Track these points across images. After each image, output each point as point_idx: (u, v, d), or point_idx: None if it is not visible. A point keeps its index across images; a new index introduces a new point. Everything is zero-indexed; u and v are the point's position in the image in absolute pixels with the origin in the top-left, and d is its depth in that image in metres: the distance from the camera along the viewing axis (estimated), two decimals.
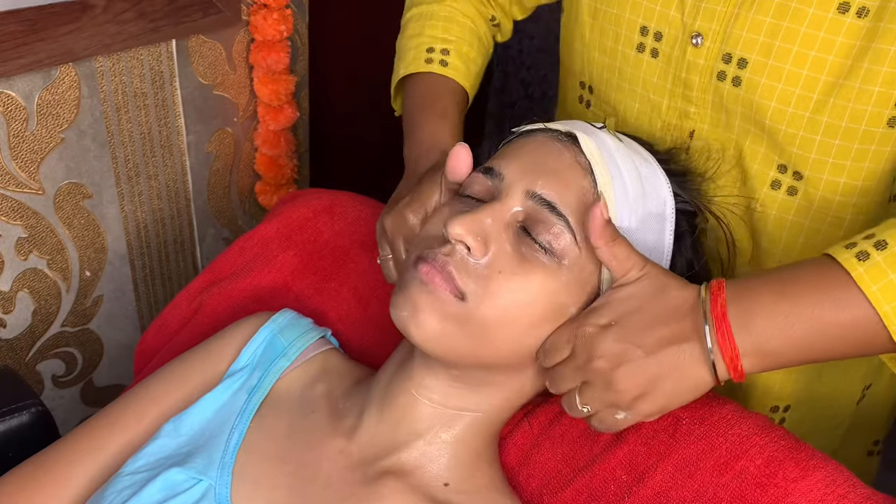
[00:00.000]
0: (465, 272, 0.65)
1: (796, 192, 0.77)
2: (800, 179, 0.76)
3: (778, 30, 0.71)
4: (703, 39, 0.76)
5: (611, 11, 0.82)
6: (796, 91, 0.71)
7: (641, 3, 0.79)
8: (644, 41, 0.80)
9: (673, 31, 0.78)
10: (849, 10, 0.68)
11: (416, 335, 0.65)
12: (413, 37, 0.93)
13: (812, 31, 0.70)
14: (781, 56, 0.71)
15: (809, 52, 0.70)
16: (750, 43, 0.73)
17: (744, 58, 0.73)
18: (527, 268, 0.65)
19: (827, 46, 0.69)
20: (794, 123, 0.73)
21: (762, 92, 0.73)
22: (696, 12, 0.76)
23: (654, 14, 0.79)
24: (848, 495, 0.64)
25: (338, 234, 0.94)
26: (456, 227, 0.64)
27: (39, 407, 0.89)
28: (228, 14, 1.25)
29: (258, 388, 0.76)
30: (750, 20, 0.72)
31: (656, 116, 0.82)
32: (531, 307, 0.65)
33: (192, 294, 0.95)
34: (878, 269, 0.58)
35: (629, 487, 0.70)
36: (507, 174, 0.68)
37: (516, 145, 0.72)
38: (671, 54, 0.79)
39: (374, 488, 0.68)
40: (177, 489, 0.68)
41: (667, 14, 0.78)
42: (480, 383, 0.70)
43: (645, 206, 0.69)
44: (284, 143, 1.40)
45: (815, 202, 0.77)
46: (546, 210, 0.66)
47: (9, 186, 1.10)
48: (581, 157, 0.69)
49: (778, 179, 0.77)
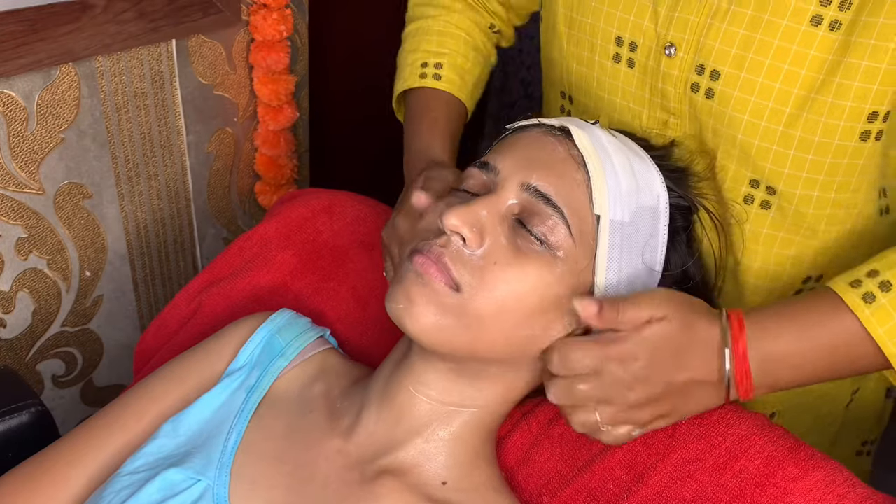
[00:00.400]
0: (461, 263, 0.65)
1: (770, 205, 0.77)
2: (773, 194, 0.76)
3: (751, 42, 0.71)
4: (677, 50, 0.75)
5: (586, 21, 0.82)
6: (769, 104, 0.71)
7: (615, 14, 0.79)
8: (620, 51, 0.80)
9: (647, 42, 0.77)
10: (821, 23, 0.67)
11: (411, 327, 0.65)
12: (410, 52, 0.96)
13: (785, 43, 0.69)
14: (754, 69, 0.71)
15: (782, 65, 0.70)
16: (723, 55, 0.72)
17: (716, 70, 0.73)
18: (522, 259, 0.65)
19: (800, 60, 0.69)
20: (767, 137, 0.73)
21: (735, 105, 0.73)
22: (670, 23, 0.75)
23: (628, 24, 0.78)
24: (847, 495, 0.64)
25: (337, 234, 0.94)
26: (451, 217, 0.65)
27: (39, 407, 0.89)
28: (228, 14, 1.25)
29: (256, 388, 0.76)
30: (723, 31, 0.72)
31: (637, 125, 0.82)
32: (526, 298, 0.65)
33: (191, 294, 0.95)
34: (884, 311, 0.61)
35: (628, 487, 0.70)
36: (503, 168, 0.69)
37: (511, 140, 0.72)
38: (646, 64, 0.78)
39: (372, 488, 0.68)
40: (175, 489, 0.68)
41: (640, 24, 0.77)
42: (477, 377, 0.70)
43: (638, 200, 0.69)
44: (284, 143, 1.40)
45: (788, 216, 0.77)
46: (541, 202, 0.66)
47: (9, 186, 1.10)
48: (574, 151, 0.69)
49: (751, 194, 0.77)
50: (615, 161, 0.69)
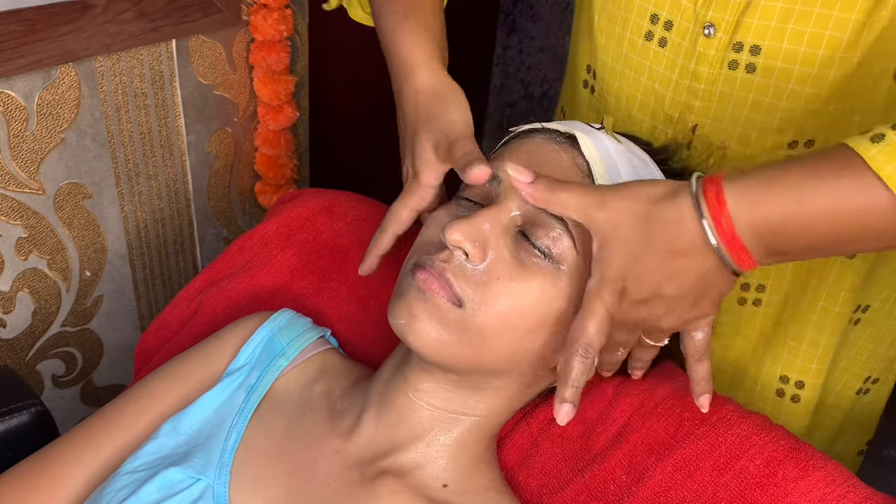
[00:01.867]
0: (463, 278, 0.64)
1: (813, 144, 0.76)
2: (812, 145, 0.76)
3: (790, 14, 0.71)
4: (716, 30, 0.75)
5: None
6: (813, 70, 0.71)
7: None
8: (653, 29, 0.79)
9: (684, 22, 0.77)
10: None
11: (414, 343, 0.65)
12: None
13: (825, 10, 0.70)
14: (795, 39, 0.71)
15: (824, 31, 0.70)
16: (762, 29, 0.73)
17: (756, 45, 0.73)
18: (525, 273, 0.65)
19: (841, 25, 0.69)
20: (812, 101, 0.73)
21: (779, 75, 0.73)
22: (710, 2, 0.75)
23: (667, 2, 0.78)
24: (848, 495, 0.64)
25: (337, 234, 0.94)
26: (454, 232, 0.64)
27: (39, 407, 0.89)
28: (228, 14, 1.25)
29: (257, 388, 0.76)
30: (761, 7, 0.72)
31: (659, 108, 0.81)
32: (529, 313, 0.65)
33: (191, 294, 0.95)
34: (894, 149, 0.52)
35: (629, 487, 0.70)
36: (505, 177, 0.68)
37: (514, 147, 0.72)
38: (681, 45, 0.78)
39: (372, 488, 0.68)
40: (175, 488, 0.67)
41: (679, 3, 0.77)
42: (478, 388, 0.70)
43: None
44: (284, 143, 1.40)
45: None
46: (545, 214, 0.66)
47: (9, 186, 1.10)
48: (580, 160, 0.68)
49: (789, 155, 0.77)
50: (621, 169, 0.68)
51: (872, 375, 0.90)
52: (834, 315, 0.84)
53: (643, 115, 0.83)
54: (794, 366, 0.87)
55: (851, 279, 0.82)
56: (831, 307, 0.83)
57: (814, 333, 0.85)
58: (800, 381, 0.87)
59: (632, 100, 0.83)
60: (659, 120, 0.81)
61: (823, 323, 0.84)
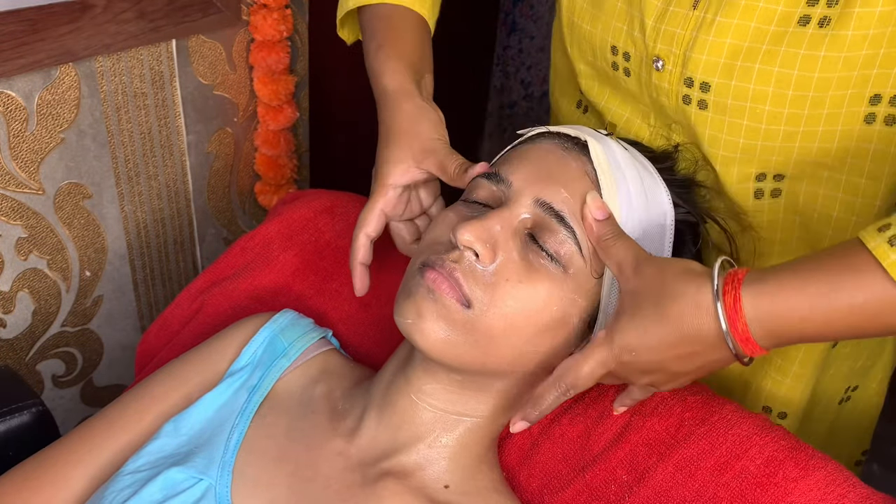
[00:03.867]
0: (473, 279, 0.64)
1: (780, 192, 0.76)
2: (782, 180, 0.75)
3: (739, 50, 0.69)
4: (665, 64, 0.74)
5: (584, 28, 0.81)
6: (766, 108, 0.69)
7: (610, 22, 0.78)
8: (616, 61, 0.79)
9: (638, 53, 0.76)
10: (810, 22, 0.66)
11: (421, 343, 0.65)
12: None
13: (774, 47, 0.68)
14: (744, 76, 0.69)
15: (772, 68, 0.68)
16: (711, 66, 0.71)
17: (706, 82, 0.71)
18: (533, 276, 0.65)
19: (790, 61, 0.67)
20: (769, 137, 0.71)
21: (731, 112, 0.71)
22: (657, 35, 0.73)
23: (622, 34, 0.77)
24: (847, 495, 0.65)
25: (339, 235, 0.94)
26: (465, 233, 0.64)
27: (39, 407, 0.89)
28: (228, 14, 1.25)
29: (258, 388, 0.76)
30: (710, 43, 0.70)
31: (644, 126, 0.82)
32: (536, 316, 0.65)
33: (193, 294, 0.95)
34: None
35: (630, 487, 0.70)
36: (515, 181, 0.68)
37: (522, 151, 0.72)
38: (640, 75, 0.77)
39: (374, 489, 0.68)
40: (177, 488, 0.68)
41: (632, 35, 0.76)
42: (481, 390, 0.70)
43: (648, 217, 0.69)
44: (284, 143, 1.39)
45: (800, 196, 0.75)
46: (554, 220, 0.66)
47: (9, 186, 1.10)
48: (588, 167, 0.68)
49: (760, 189, 0.76)
50: (628, 177, 0.69)
51: (851, 385, 0.91)
52: (820, 348, 0.84)
53: (628, 131, 0.83)
54: (776, 398, 0.87)
55: None
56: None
57: (798, 368, 0.85)
58: (783, 412, 0.88)
59: (618, 117, 0.84)
60: (644, 138, 0.82)
61: (807, 358, 0.84)
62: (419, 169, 0.75)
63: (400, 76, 0.79)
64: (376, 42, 0.82)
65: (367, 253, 0.77)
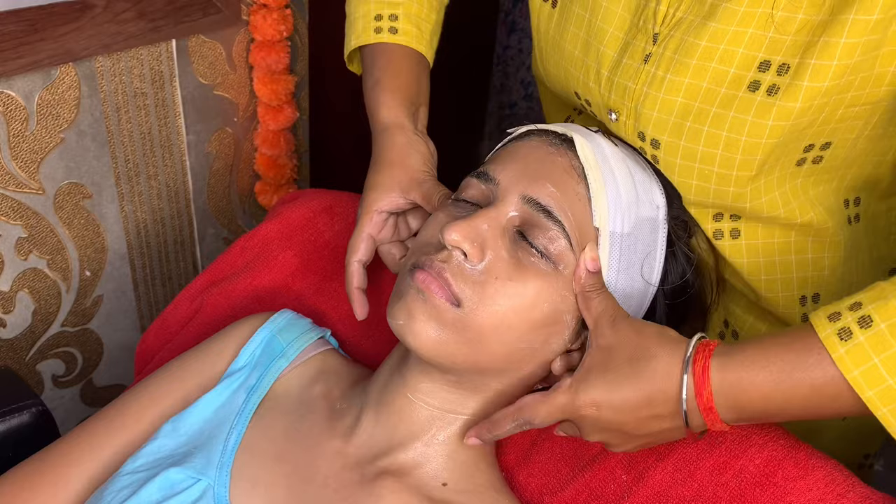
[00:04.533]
0: (462, 278, 0.65)
1: (739, 233, 0.76)
2: (738, 219, 0.75)
3: (689, 110, 0.68)
4: (618, 115, 0.73)
5: (551, 71, 0.82)
6: (714, 169, 0.69)
7: (570, 70, 0.78)
8: (580, 105, 0.80)
9: (595, 102, 0.76)
10: (759, 89, 0.65)
11: (412, 343, 0.65)
12: (361, 2, 0.89)
13: (723, 111, 0.67)
14: (693, 137, 0.69)
15: (721, 132, 0.67)
16: (661, 123, 0.70)
17: (656, 139, 0.71)
18: (523, 273, 0.65)
19: (739, 126, 0.67)
20: (719, 196, 0.71)
21: (680, 172, 0.71)
22: (610, 87, 0.73)
23: (580, 82, 0.77)
24: (847, 494, 0.64)
25: (338, 235, 0.94)
26: (452, 233, 0.64)
27: (39, 407, 0.89)
28: (228, 14, 1.25)
29: (257, 388, 0.76)
30: (660, 100, 0.69)
31: None
32: (526, 313, 0.65)
33: (192, 294, 0.95)
34: (861, 351, 0.54)
35: (629, 487, 0.70)
36: (502, 179, 0.68)
37: (511, 149, 0.72)
38: (601, 123, 0.77)
39: (372, 488, 0.68)
40: (175, 489, 0.68)
41: (588, 85, 0.76)
42: (477, 388, 0.70)
43: (638, 212, 0.69)
44: (284, 143, 1.39)
45: (758, 234, 0.75)
46: (542, 216, 0.66)
47: (9, 186, 1.10)
48: (575, 162, 0.69)
49: (718, 229, 0.76)
50: (616, 172, 0.69)
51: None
52: None
53: None
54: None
55: None
56: None
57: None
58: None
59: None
60: None
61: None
62: (405, 199, 0.78)
63: (395, 110, 0.83)
64: (374, 78, 0.86)
65: (361, 278, 0.79)
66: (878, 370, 0.54)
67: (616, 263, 0.68)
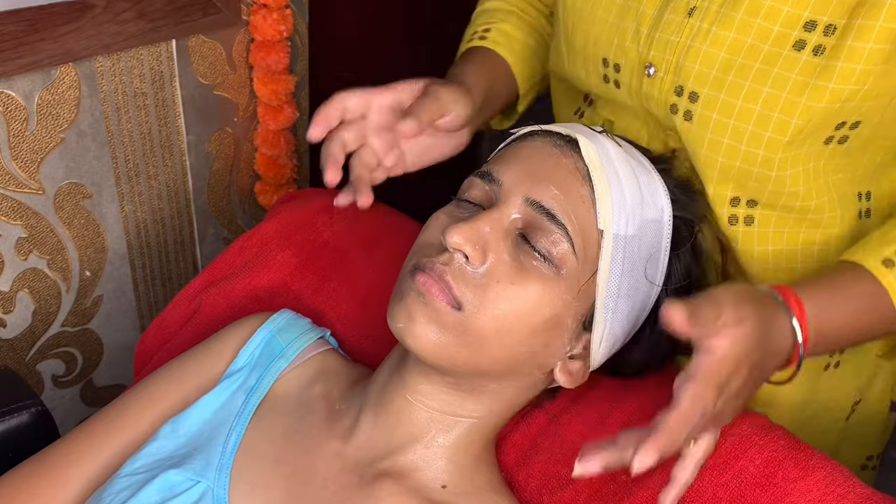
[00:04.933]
0: (463, 281, 0.64)
1: (753, 220, 0.76)
2: (755, 206, 0.76)
3: (731, 65, 0.69)
4: (656, 70, 0.74)
5: (578, 43, 0.82)
6: (749, 128, 0.70)
7: (601, 36, 0.78)
8: (607, 73, 0.80)
9: (629, 63, 0.77)
10: (805, 48, 0.66)
11: (412, 346, 0.65)
12: (465, 33, 0.98)
13: (766, 67, 0.68)
14: (734, 91, 0.69)
15: (763, 88, 0.68)
16: (702, 77, 0.71)
17: (695, 91, 0.71)
18: (525, 277, 0.65)
19: (781, 84, 0.68)
20: (748, 160, 0.72)
21: (714, 128, 0.71)
22: (651, 42, 0.74)
23: (613, 46, 0.77)
24: (847, 495, 0.64)
25: (337, 234, 0.94)
26: (454, 235, 0.64)
27: (39, 407, 0.89)
28: (228, 14, 1.25)
29: (256, 389, 0.75)
30: (703, 53, 0.70)
31: (644, 131, 0.82)
32: (528, 317, 0.65)
33: (191, 294, 0.95)
34: None
35: (629, 488, 0.70)
36: (506, 180, 0.68)
37: (514, 149, 0.72)
38: (630, 85, 0.78)
39: (371, 490, 0.68)
40: (175, 490, 0.68)
41: (623, 45, 0.77)
42: (476, 391, 0.70)
43: (643, 214, 0.69)
44: (284, 143, 1.39)
45: (771, 224, 0.76)
46: (545, 219, 0.66)
47: (9, 186, 1.10)
48: (580, 164, 0.68)
49: (734, 214, 0.76)
50: (621, 174, 0.68)
51: (856, 400, 0.91)
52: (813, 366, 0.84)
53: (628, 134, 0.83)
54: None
55: None
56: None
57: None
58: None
59: (619, 120, 0.84)
60: (643, 141, 0.82)
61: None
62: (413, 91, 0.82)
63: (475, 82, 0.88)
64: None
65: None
66: None
67: (620, 266, 0.67)
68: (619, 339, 0.71)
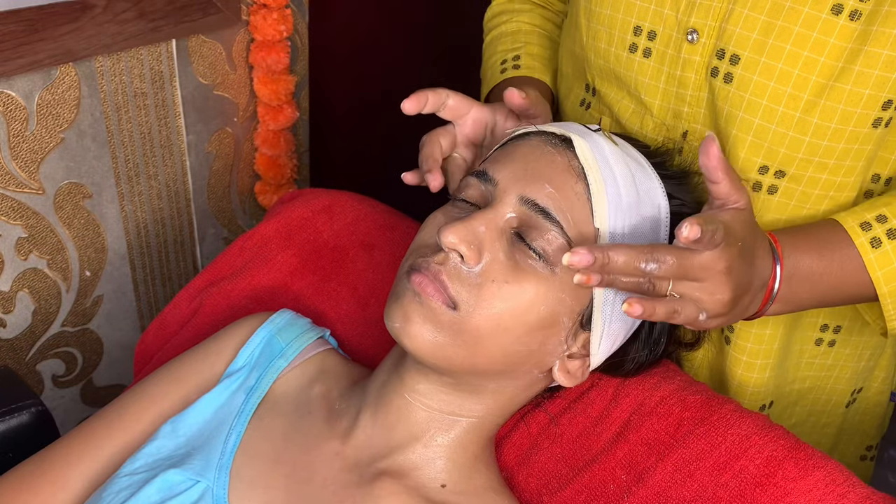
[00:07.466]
0: (458, 281, 0.64)
1: (776, 189, 0.77)
2: (782, 177, 0.76)
3: (772, 28, 0.71)
4: (699, 35, 0.75)
5: (603, 13, 0.82)
6: (787, 90, 0.71)
7: (635, 4, 0.79)
8: (636, 41, 0.80)
9: (667, 30, 0.78)
10: (842, 12, 0.68)
11: (409, 346, 0.65)
12: (489, 58, 1.00)
13: (805, 30, 0.70)
14: (774, 54, 0.71)
15: (802, 51, 0.70)
16: (743, 39, 0.73)
17: (736, 54, 0.73)
18: (520, 276, 0.65)
19: (819, 47, 0.69)
20: (784, 122, 0.73)
21: (753, 89, 0.73)
22: (692, 9, 0.75)
23: (649, 13, 0.78)
24: (847, 494, 0.64)
25: (337, 234, 0.94)
26: (449, 235, 0.64)
27: (39, 407, 0.89)
28: (228, 14, 1.25)
29: (256, 389, 0.75)
30: (744, 17, 0.72)
31: (648, 117, 0.82)
32: (523, 316, 0.65)
33: (191, 294, 0.95)
34: (886, 257, 0.70)
35: (628, 487, 0.70)
36: (501, 179, 0.68)
37: (510, 149, 0.72)
38: (665, 53, 0.78)
39: (371, 489, 0.68)
40: (175, 490, 0.68)
41: (661, 12, 0.78)
42: (475, 390, 0.70)
43: (639, 211, 0.69)
44: (284, 143, 1.40)
45: (794, 198, 0.77)
46: (540, 216, 0.66)
47: (9, 186, 1.10)
48: (574, 162, 0.68)
49: (759, 181, 0.77)
50: (616, 172, 0.68)
51: (857, 388, 0.91)
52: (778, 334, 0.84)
53: (633, 123, 0.83)
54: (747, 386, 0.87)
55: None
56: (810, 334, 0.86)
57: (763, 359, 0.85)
58: (770, 401, 0.88)
59: (624, 110, 0.84)
60: (648, 128, 0.82)
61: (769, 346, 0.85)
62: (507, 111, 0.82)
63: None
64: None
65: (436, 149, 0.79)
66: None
67: None
68: (620, 337, 0.71)
